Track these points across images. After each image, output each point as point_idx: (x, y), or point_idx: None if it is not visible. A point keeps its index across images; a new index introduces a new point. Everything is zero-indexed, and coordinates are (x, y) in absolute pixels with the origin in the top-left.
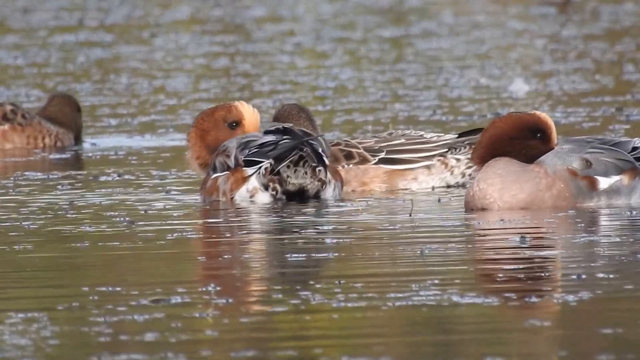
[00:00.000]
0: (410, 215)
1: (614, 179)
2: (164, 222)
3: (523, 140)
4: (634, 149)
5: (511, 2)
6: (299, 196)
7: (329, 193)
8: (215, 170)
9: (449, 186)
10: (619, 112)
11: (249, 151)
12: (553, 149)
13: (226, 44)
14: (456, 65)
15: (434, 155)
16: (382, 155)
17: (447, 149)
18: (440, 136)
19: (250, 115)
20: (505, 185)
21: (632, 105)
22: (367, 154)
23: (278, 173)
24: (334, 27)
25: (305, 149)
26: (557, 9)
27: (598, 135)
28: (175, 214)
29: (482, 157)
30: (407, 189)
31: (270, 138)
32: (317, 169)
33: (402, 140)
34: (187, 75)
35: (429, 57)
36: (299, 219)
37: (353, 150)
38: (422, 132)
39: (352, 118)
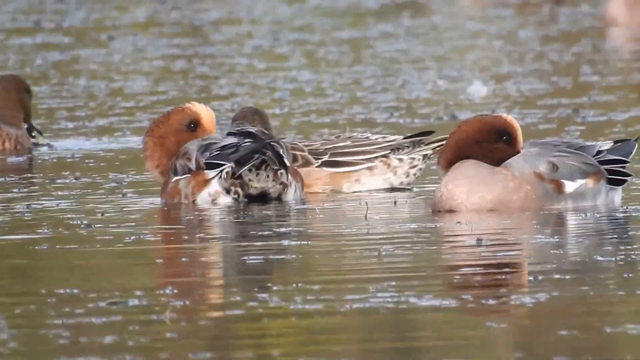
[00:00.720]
0: (365, 218)
1: (580, 182)
2: (121, 225)
3: (489, 143)
4: (599, 152)
5: (469, 3)
6: (260, 199)
7: (290, 195)
8: (176, 174)
9: (392, 187)
10: (576, 113)
11: (210, 153)
12: (519, 152)
13: (184, 46)
14: (414, 67)
15: (376, 157)
16: (326, 157)
17: (389, 150)
18: (385, 137)
19: (206, 114)
20: (473, 187)
21: (588, 107)
22: (310, 157)
23: (240, 177)
24: (292, 30)
25: (267, 152)
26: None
27: (564, 139)
28: (132, 217)
29: (449, 161)
30: (357, 191)
31: (231, 140)
32: (279, 172)
33: (348, 143)
34: (146, 77)
35: (387, 59)
36: (257, 222)
37: (297, 153)
38: (368, 134)
39: (310, 120)
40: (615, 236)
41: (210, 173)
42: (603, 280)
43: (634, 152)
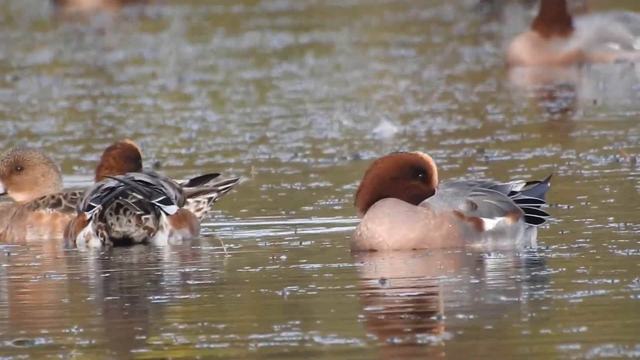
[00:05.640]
0: (273, 258)
1: (498, 219)
2: (27, 264)
3: (405, 180)
4: (512, 192)
5: (371, 43)
6: (125, 243)
7: (160, 240)
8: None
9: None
10: (480, 153)
11: (92, 196)
12: (434, 190)
13: (89, 86)
14: (320, 107)
15: None
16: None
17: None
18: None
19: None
20: (394, 225)
21: (492, 146)
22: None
23: (105, 220)
24: (196, 70)
25: (126, 197)
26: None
27: (478, 178)
28: (38, 257)
29: (366, 201)
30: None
31: (112, 184)
32: (144, 217)
33: None
34: (53, 118)
35: (292, 99)
36: (161, 261)
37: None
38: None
39: (214, 160)
40: (520, 276)
41: (87, 215)
42: (507, 320)
43: (546, 193)
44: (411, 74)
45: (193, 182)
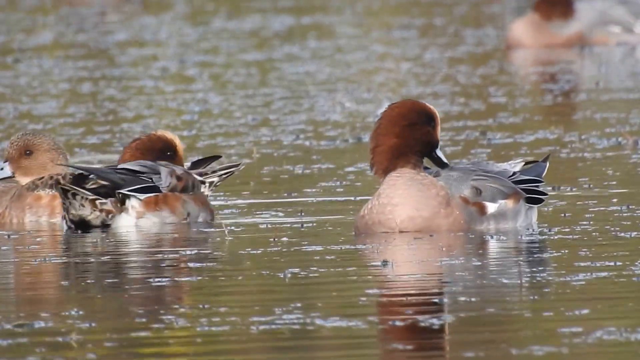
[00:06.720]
0: (274, 240)
1: (500, 202)
2: (28, 247)
3: (421, 127)
4: (513, 174)
5: (373, 25)
6: (83, 226)
7: (125, 222)
8: None
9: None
10: (483, 135)
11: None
12: (438, 142)
13: (90, 68)
14: (322, 89)
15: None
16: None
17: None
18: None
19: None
20: (406, 207)
21: (495, 129)
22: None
23: (64, 203)
24: (198, 52)
25: (84, 183)
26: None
27: (480, 164)
28: (38, 239)
29: (384, 166)
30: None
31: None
32: (99, 201)
33: None
34: (54, 100)
35: (294, 81)
36: (162, 242)
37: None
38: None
39: (216, 142)
40: (523, 258)
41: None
42: (509, 302)
43: (545, 172)
44: (413, 56)
45: (194, 165)
